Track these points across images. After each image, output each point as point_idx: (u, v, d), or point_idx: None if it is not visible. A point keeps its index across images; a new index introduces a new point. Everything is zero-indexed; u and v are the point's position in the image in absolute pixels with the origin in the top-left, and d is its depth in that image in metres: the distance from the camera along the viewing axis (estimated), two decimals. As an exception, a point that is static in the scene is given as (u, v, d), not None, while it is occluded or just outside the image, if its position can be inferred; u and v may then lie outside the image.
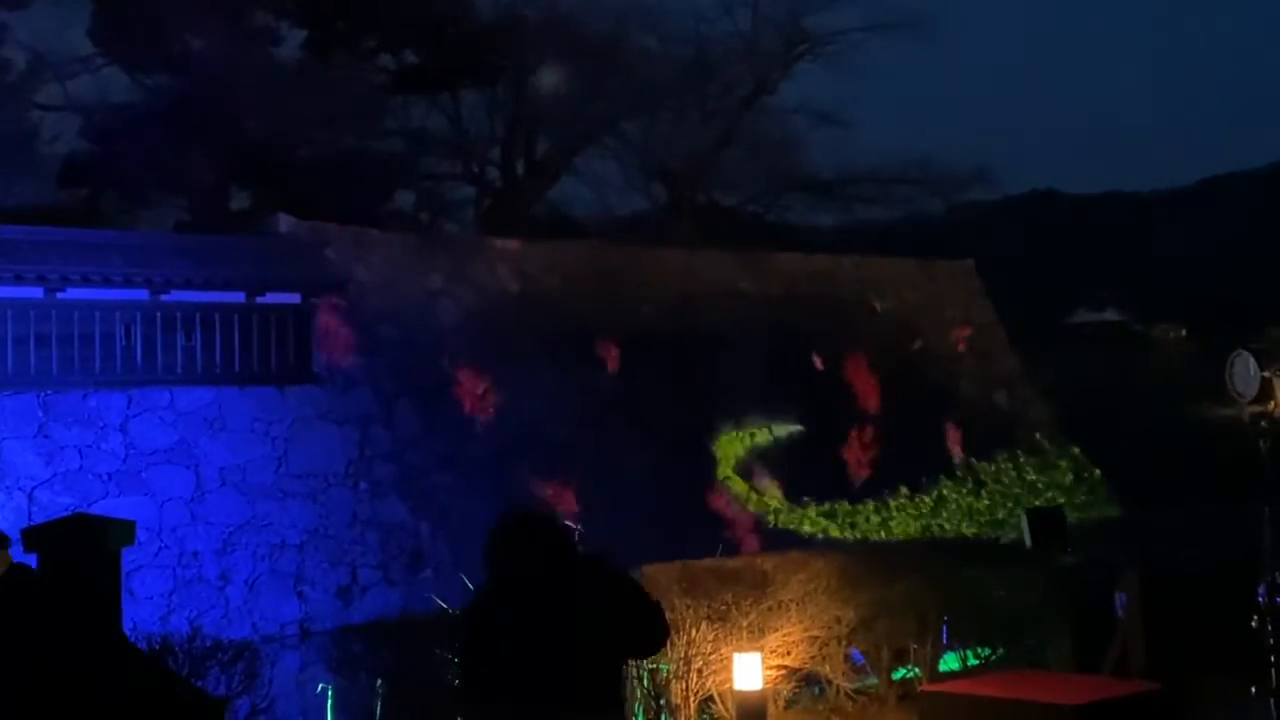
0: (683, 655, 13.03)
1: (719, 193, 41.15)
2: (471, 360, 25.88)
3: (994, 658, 15.39)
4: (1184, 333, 66.49)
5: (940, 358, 34.41)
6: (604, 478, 26.21)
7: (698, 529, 25.99)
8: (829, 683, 14.50)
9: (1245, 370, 11.03)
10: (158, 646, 12.27)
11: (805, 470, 29.37)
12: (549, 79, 37.15)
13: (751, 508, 28.18)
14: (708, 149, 39.05)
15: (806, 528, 28.48)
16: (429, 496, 23.97)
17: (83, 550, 10.70)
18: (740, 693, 12.50)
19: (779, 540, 26.52)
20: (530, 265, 27.76)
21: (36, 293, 20.53)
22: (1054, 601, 15.07)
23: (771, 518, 28.29)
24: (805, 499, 29.00)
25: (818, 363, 31.38)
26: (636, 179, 40.03)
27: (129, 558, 13.91)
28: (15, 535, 7.59)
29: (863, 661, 14.87)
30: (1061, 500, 29.08)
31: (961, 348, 35.08)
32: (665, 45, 39.06)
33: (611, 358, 27.95)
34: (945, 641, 15.14)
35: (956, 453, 32.49)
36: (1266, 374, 10.86)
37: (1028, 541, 15.93)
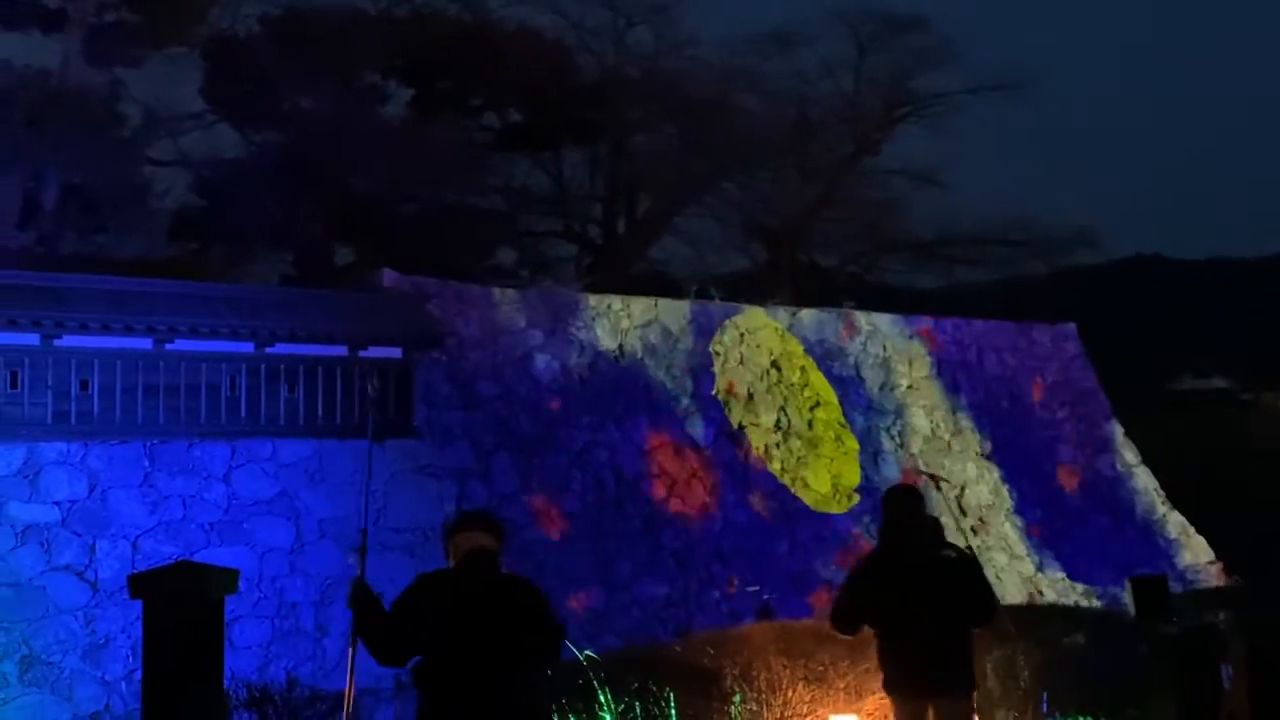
0: (779, 716, 12.94)
1: (819, 252, 41.16)
2: (569, 416, 25.95)
3: (1095, 728, 15.12)
4: (1291, 400, 65.32)
5: (1041, 422, 34.07)
6: (701, 533, 26.17)
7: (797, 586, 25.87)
8: (926, 748, 14.29)
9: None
10: (257, 695, 12.36)
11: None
12: (651, 138, 37.40)
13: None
14: (808, 209, 39.08)
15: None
16: (525, 552, 23.99)
17: (187, 597, 10.81)
18: (836, 755, 12.38)
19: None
20: (629, 322, 27.84)
21: (145, 343, 20.87)
22: (1158, 671, 14.80)
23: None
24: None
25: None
26: (736, 238, 40.19)
27: (229, 607, 14.03)
28: (121, 583, 7.94)
29: (961, 728, 14.64)
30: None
31: (1062, 413, 34.72)
32: (767, 105, 39.25)
33: (709, 415, 27.92)
34: (1045, 710, 14.91)
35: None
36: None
37: (1131, 610, 15.68)
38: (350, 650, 8.62)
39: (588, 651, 13.66)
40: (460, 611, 7.89)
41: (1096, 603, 28.08)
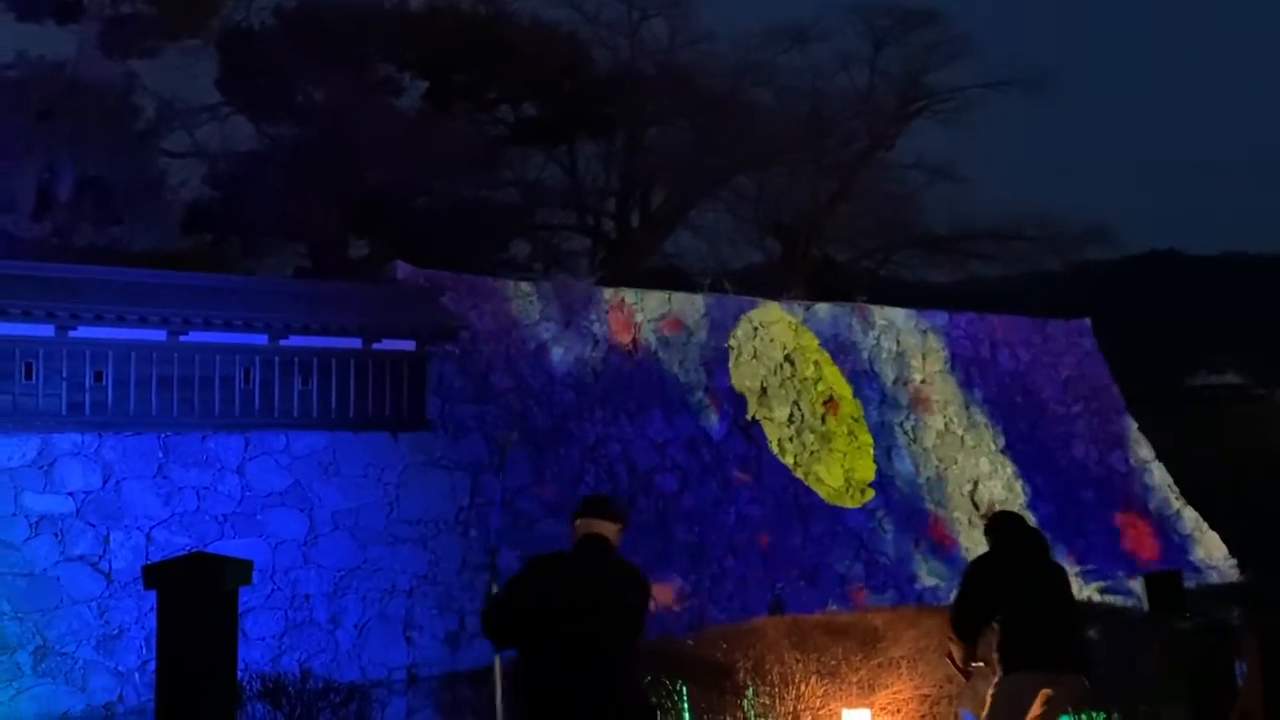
0: (791, 710, 12.91)
1: (833, 247, 41.13)
2: (583, 409, 25.95)
3: (1109, 724, 15.08)
4: (1306, 396, 65.20)
5: (1054, 417, 34.02)
6: (714, 528, 26.16)
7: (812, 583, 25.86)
8: (939, 743, 14.27)
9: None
10: (271, 686, 12.37)
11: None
12: (665, 132, 37.36)
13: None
14: (822, 203, 39.04)
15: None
16: (539, 544, 23.98)
17: (201, 588, 10.80)
18: (849, 750, 12.35)
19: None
20: (643, 316, 27.83)
21: (160, 335, 20.90)
22: (1171, 667, 14.75)
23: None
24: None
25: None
26: (750, 232, 40.16)
27: (242, 599, 14.07)
28: (135, 573, 7.94)
29: (974, 723, 14.63)
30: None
31: (1076, 408, 34.66)
32: (782, 100, 39.23)
33: (723, 409, 27.91)
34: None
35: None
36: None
37: (1144, 605, 15.63)
38: (496, 656, 9.29)
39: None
40: (568, 588, 8.18)
41: (1109, 598, 28.02)
